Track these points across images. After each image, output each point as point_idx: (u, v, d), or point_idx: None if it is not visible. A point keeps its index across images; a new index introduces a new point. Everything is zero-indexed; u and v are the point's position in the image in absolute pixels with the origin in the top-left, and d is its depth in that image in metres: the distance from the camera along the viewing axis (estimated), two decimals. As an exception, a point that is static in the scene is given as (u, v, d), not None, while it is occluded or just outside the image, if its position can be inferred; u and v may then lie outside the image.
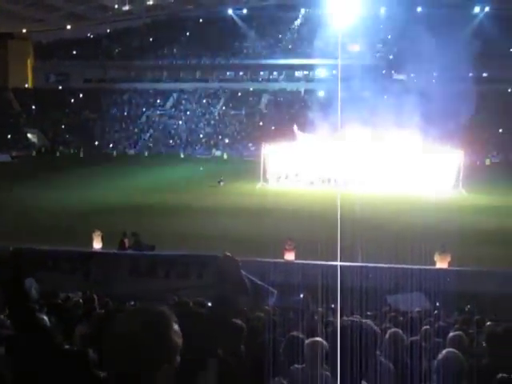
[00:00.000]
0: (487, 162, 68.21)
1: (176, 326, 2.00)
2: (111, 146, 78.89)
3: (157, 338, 1.91)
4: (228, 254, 4.15)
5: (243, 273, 4.26)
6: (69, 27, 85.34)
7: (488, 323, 9.48)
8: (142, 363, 1.88)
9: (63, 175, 48.63)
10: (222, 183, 41.42)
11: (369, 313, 12.05)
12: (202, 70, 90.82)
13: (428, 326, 8.45)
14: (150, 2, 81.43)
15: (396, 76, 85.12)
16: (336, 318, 11.75)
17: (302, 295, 12.26)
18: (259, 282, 4.41)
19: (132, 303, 9.49)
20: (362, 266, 19.91)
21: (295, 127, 47.83)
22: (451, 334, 5.17)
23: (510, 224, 28.30)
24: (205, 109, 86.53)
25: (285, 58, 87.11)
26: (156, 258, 10.77)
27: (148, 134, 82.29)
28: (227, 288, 3.85)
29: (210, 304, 3.68)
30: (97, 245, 21.08)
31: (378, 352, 4.30)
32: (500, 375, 4.02)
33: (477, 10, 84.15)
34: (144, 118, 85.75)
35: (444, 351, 3.92)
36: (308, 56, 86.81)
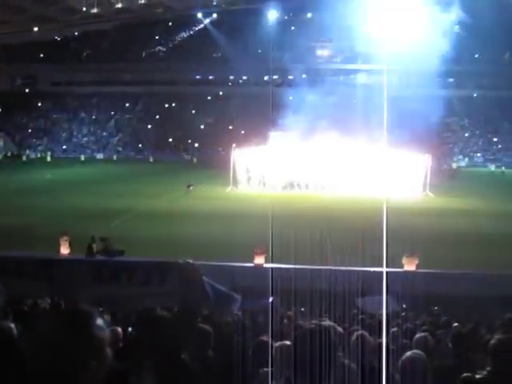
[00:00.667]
0: (454, 165, 69.24)
1: (99, 321, 1.98)
2: (79, 150, 78.05)
3: (78, 336, 1.88)
4: (190, 261, 4.13)
5: (206, 279, 4.25)
6: (36, 29, 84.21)
7: (454, 324, 9.62)
8: (66, 363, 1.84)
9: (30, 179, 47.93)
10: (191, 188, 41.22)
11: (337, 315, 12.10)
12: (170, 73, 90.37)
13: (396, 328, 8.52)
14: (119, 5, 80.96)
15: (364, 80, 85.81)
16: (306, 321, 11.78)
17: (270, 299, 12.24)
18: (222, 289, 4.40)
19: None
20: (331, 270, 20.01)
21: (271, 131, 47.93)
22: (417, 335, 5.21)
23: (477, 226, 28.73)
24: (174, 113, 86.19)
25: (253, 62, 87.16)
26: (119, 264, 10.68)
27: (117, 138, 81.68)
28: (189, 295, 3.83)
29: (175, 310, 3.65)
30: (64, 250, 20.78)
31: (340, 354, 4.31)
32: (464, 375, 4.07)
33: (444, 16, 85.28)
34: (113, 122, 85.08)
35: (408, 352, 3.95)
36: (277, 60, 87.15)
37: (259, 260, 19.68)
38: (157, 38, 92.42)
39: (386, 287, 16.57)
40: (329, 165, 45.46)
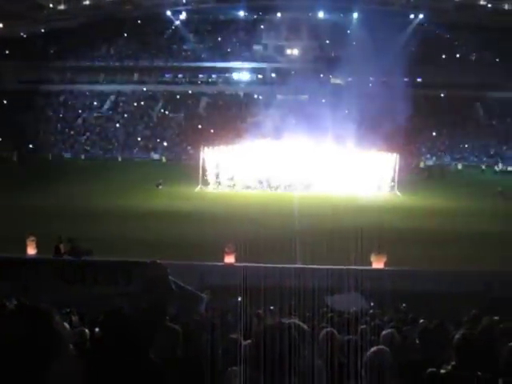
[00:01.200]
0: (421, 164, 70.09)
1: (57, 318, 1.96)
2: (46, 149, 76.88)
3: (38, 335, 1.86)
4: (156, 260, 4.12)
5: (172, 279, 4.24)
6: (1, 26, 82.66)
7: (421, 321, 9.75)
8: (26, 362, 1.83)
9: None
10: (160, 187, 41.02)
11: (307, 314, 12.16)
12: (139, 71, 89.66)
13: (364, 326, 8.60)
14: (87, 2, 80.00)
15: (333, 80, 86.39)
16: (275, 319, 11.82)
17: (239, 298, 12.27)
18: (189, 288, 4.40)
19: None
20: (300, 268, 20.12)
21: (240, 130, 47.85)
22: (384, 331, 5.27)
23: (442, 224, 29.17)
24: (143, 111, 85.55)
25: (224, 61, 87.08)
26: (84, 264, 10.54)
27: (85, 137, 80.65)
28: (155, 294, 3.83)
29: (142, 309, 3.64)
30: (31, 251, 20.53)
31: (308, 352, 4.34)
32: (429, 370, 4.13)
33: (411, 17, 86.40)
34: (80, 121, 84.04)
35: (373, 348, 4.00)
36: (247, 59, 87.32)
37: (229, 259, 19.69)
38: (125, 35, 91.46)
39: (355, 285, 16.80)
40: (299, 164, 45.68)
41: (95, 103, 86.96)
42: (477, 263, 20.90)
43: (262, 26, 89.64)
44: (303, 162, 44.74)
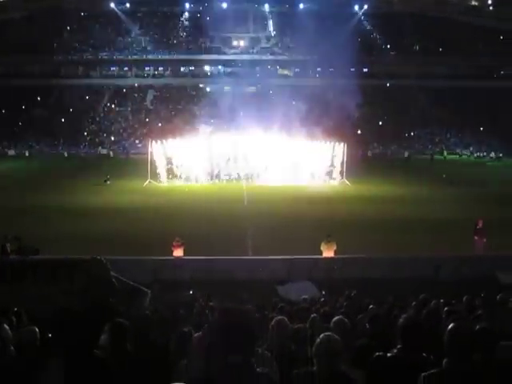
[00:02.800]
0: (369, 153, 71.14)
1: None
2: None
3: None
4: (97, 256, 4.04)
5: (114, 275, 4.15)
6: None
7: (371, 307, 9.89)
8: None
9: None
10: (108, 182, 40.40)
11: (258, 304, 12.20)
12: (84, 65, 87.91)
13: (315, 314, 8.67)
14: (28, -6, 77.92)
15: (281, 71, 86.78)
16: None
17: (191, 291, 12.22)
18: (131, 283, 4.33)
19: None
20: (251, 259, 20.17)
21: (188, 123, 47.46)
22: (334, 318, 5.32)
23: (391, 212, 29.71)
24: (88, 106, 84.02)
25: (170, 54, 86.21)
26: (24, 262, 10.20)
27: (29, 133, 78.65)
28: (98, 291, 3.76)
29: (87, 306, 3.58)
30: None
31: (259, 341, 4.35)
32: (376, 353, 4.18)
33: (356, 7, 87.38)
34: (24, 116, 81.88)
35: (322, 335, 4.02)
36: (193, 51, 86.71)
37: (178, 252, 19.55)
38: (68, 28, 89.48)
39: (306, 274, 16.92)
40: (248, 155, 45.72)
41: (39, 98, 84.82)
42: (425, 249, 21.34)
43: (208, 18, 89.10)
44: (252, 154, 44.80)
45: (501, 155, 70.88)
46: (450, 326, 3.68)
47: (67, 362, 3.00)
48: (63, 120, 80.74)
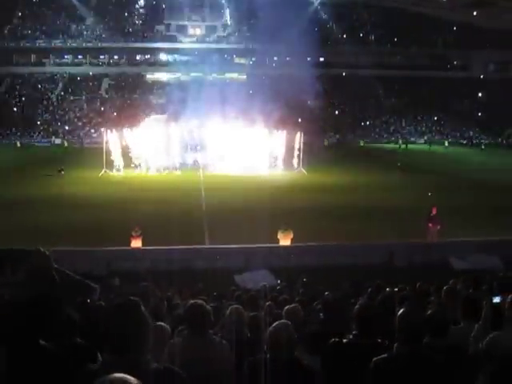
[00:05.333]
0: (325, 142, 71.66)
1: None
2: None
3: None
4: (40, 248, 3.96)
5: (58, 268, 4.08)
6: None
7: (326, 293, 10.00)
8: None
9: None
10: (62, 172, 39.68)
11: (215, 293, 12.21)
12: (37, 53, 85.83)
13: (270, 302, 8.73)
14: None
15: (237, 60, 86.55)
16: (183, 300, 11.78)
17: (148, 282, 12.12)
18: (77, 277, 4.27)
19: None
20: (209, 248, 20.17)
21: (144, 112, 46.86)
22: (287, 306, 5.36)
23: (347, 200, 30.04)
24: (42, 94, 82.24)
25: (125, 42, 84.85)
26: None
27: (-21, 123, 76.59)
28: (38, 284, 3.69)
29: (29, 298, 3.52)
30: None
31: (211, 330, 4.36)
32: (332, 340, 4.24)
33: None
34: (-26, 106, 79.71)
35: (275, 323, 4.05)
36: (149, 39, 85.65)
37: (136, 243, 19.39)
38: (19, 14, 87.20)
39: (263, 262, 16.99)
40: (204, 144, 45.59)
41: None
42: (380, 236, 21.68)
43: (164, 6, 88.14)
44: (208, 142, 44.69)
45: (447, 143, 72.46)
46: (400, 311, 3.75)
47: (10, 351, 2.96)
48: (15, 109, 78.91)
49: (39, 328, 3.13)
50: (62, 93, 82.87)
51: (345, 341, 4.19)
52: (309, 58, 74.46)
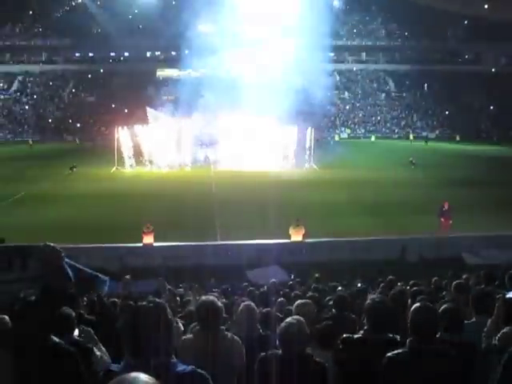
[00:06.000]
0: (336, 137, 71.42)
1: None
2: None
3: None
4: (49, 243, 3.96)
5: (69, 262, 4.08)
6: None
7: (339, 289, 9.99)
8: None
9: None
10: (75, 169, 39.84)
11: (227, 289, 12.25)
12: (48, 51, 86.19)
13: (282, 298, 8.73)
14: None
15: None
16: (195, 296, 11.82)
17: (160, 278, 12.18)
18: (88, 270, 4.27)
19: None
20: (221, 244, 20.19)
21: (155, 109, 46.83)
22: (298, 301, 5.35)
23: (359, 195, 29.92)
24: (53, 92, 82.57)
25: (136, 39, 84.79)
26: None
27: (-9, 121, 77.08)
28: (49, 278, 3.68)
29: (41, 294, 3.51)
30: None
31: (223, 327, 4.36)
32: (344, 335, 4.22)
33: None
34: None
35: (287, 318, 4.05)
36: (159, 36, 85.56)
37: (148, 239, 19.46)
38: (31, 13, 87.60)
39: (275, 258, 16.99)
40: (216, 141, 45.57)
41: (1, 84, 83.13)
42: (392, 231, 21.62)
43: (173, 3, 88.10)
44: (219, 139, 44.69)
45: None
46: (413, 307, 3.73)
47: (18, 352, 2.95)
48: (27, 107, 79.33)
49: (53, 324, 3.13)
50: (73, 90, 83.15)
51: (357, 336, 4.18)
52: (320, 53, 74.06)
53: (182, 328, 6.28)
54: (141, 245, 19.46)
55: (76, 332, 4.29)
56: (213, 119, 45.18)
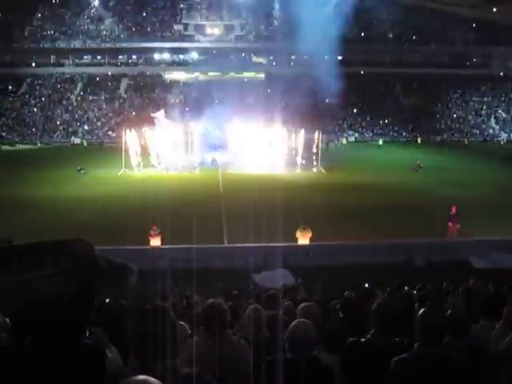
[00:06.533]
0: (344, 141, 71.33)
1: None
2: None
3: None
4: (80, 237, 3.94)
5: (99, 254, 4.07)
6: None
7: (346, 292, 9.96)
8: None
9: None
10: (82, 171, 39.97)
11: (234, 292, 12.23)
12: (56, 53, 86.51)
13: (289, 301, 8.72)
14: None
15: (256, 59, 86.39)
16: (202, 300, 11.80)
17: (167, 281, 12.17)
18: (116, 261, 4.29)
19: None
20: (227, 247, 20.20)
21: (158, 113, 46.84)
22: (303, 304, 5.33)
23: (366, 199, 29.88)
24: (61, 95, 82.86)
25: (144, 42, 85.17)
26: (5, 249, 10.10)
27: (0, 123, 77.42)
28: (83, 272, 3.64)
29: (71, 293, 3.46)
30: None
31: (230, 330, 4.35)
32: (350, 339, 4.22)
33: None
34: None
35: (294, 322, 4.05)
36: (167, 39, 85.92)
37: (155, 242, 19.48)
38: (39, 15, 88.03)
39: (282, 261, 16.98)
40: (223, 144, 45.64)
41: (10, 87, 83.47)
42: (399, 235, 21.56)
43: (181, 5, 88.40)
44: (227, 142, 44.74)
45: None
46: (420, 311, 3.72)
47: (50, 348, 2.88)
48: (35, 109, 79.64)
49: (83, 322, 3.07)
50: (82, 93, 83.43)
51: (364, 340, 4.17)
52: (327, 57, 74.07)
53: (189, 331, 6.28)
54: (148, 247, 19.48)
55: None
56: (220, 122, 45.26)
